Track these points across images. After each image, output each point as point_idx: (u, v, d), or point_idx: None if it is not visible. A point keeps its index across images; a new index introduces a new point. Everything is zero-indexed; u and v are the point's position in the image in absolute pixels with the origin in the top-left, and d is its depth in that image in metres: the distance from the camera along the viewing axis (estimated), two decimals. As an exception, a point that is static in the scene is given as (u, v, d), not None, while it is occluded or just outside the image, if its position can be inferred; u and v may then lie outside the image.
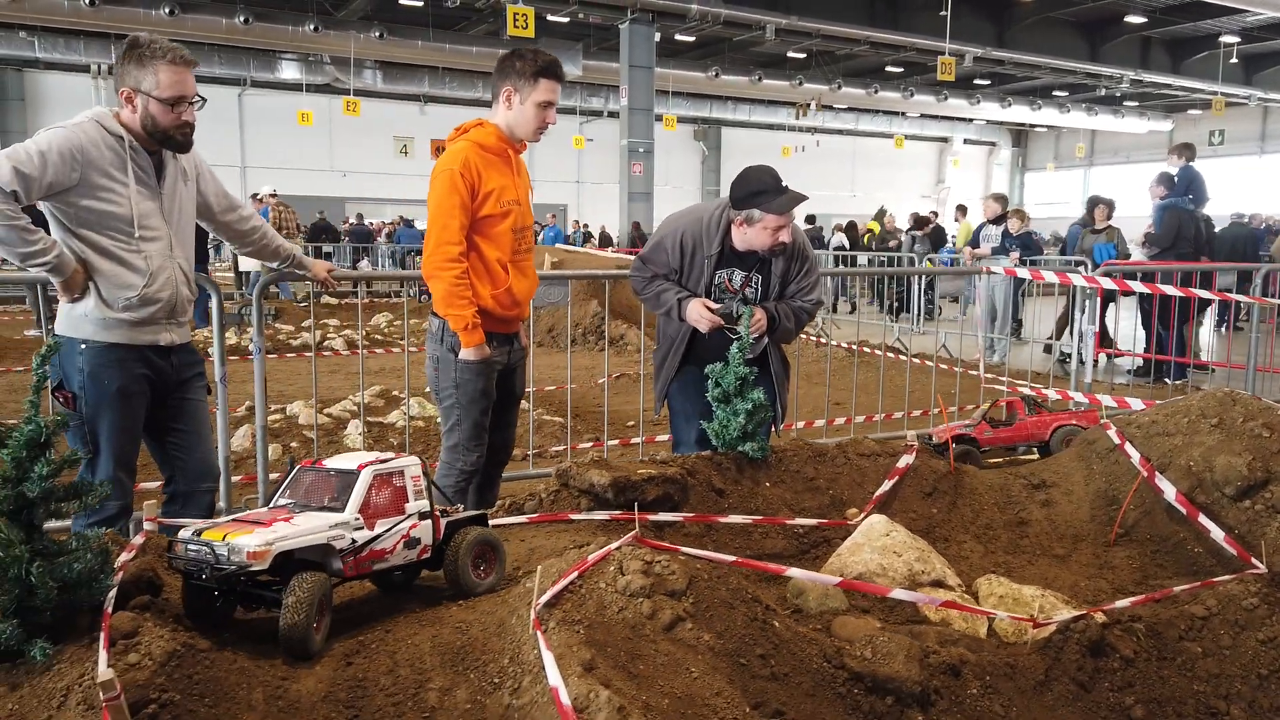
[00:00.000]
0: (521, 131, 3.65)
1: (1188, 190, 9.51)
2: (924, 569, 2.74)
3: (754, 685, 1.85)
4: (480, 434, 3.81)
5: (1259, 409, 3.26)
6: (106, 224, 2.90)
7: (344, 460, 2.08)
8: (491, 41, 24.29)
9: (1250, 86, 30.41)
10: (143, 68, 2.90)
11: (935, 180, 42.39)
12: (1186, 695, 2.24)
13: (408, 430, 5.28)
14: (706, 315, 3.85)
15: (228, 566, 1.77)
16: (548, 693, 1.61)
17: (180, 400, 3.19)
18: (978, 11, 25.38)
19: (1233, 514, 2.95)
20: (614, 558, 1.95)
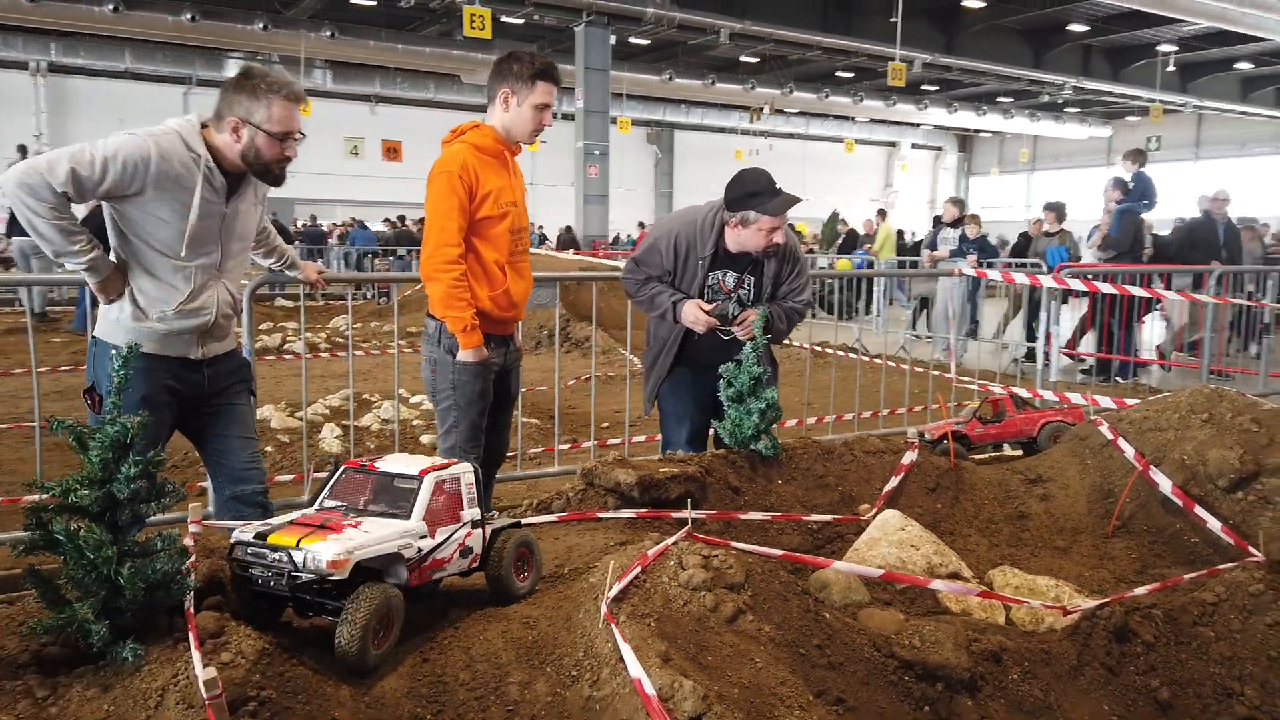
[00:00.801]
0: (518, 133, 3.67)
1: (1143, 194, 9.84)
2: (941, 561, 2.82)
3: (814, 674, 1.91)
4: (477, 435, 3.81)
5: (1245, 405, 3.41)
6: (156, 237, 2.86)
7: (398, 464, 2.03)
8: (445, 42, 24.14)
9: (1186, 94, 31.45)
10: (256, 99, 2.86)
11: (884, 184, 43.10)
12: (1204, 677, 2.35)
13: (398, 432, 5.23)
14: (702, 317, 3.90)
15: (304, 575, 1.71)
16: (629, 684, 1.64)
17: (218, 406, 3.14)
18: (927, 19, 25.92)
19: (1226, 505, 3.08)
20: (672, 553, 1.99)
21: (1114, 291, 6.58)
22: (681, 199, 37.97)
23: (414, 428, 6.93)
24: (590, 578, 1.99)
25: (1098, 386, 8.53)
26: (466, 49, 23.29)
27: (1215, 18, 20.25)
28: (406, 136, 29.02)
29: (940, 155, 44.68)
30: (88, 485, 1.56)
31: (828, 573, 2.53)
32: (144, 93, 28.29)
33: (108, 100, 28.28)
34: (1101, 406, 5.94)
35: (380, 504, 1.96)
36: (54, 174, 2.62)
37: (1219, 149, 37.10)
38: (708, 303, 3.96)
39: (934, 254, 12.00)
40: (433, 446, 6.71)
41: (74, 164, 2.65)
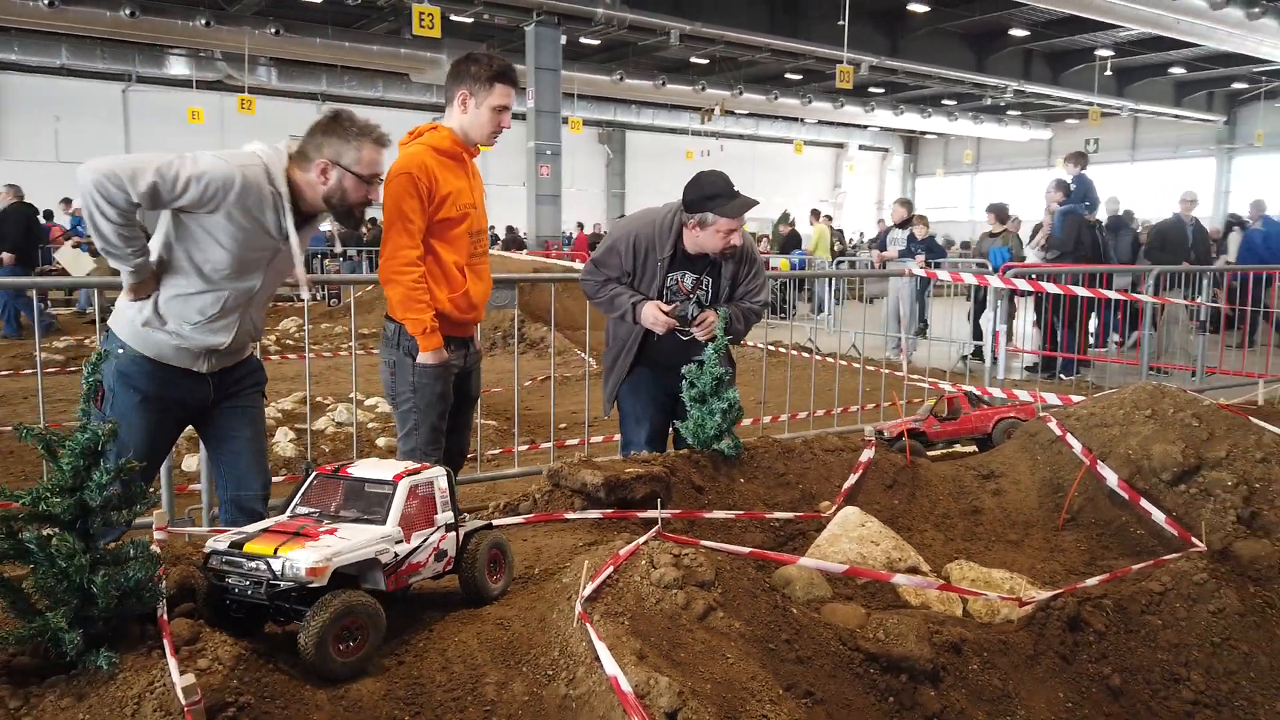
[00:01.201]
0: (476, 135, 3.67)
1: (1084, 196, 10.11)
2: (900, 556, 2.89)
3: (783, 669, 1.95)
4: (438, 438, 3.81)
5: (1186, 401, 3.54)
6: (206, 256, 2.85)
7: (372, 469, 2.02)
8: (393, 41, 23.87)
9: (1122, 98, 32.33)
10: (346, 142, 2.90)
11: (832, 185, 43.62)
12: (1153, 664, 2.44)
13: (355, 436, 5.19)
14: (662, 318, 3.94)
15: (283, 583, 1.70)
16: (605, 682, 1.67)
17: (229, 408, 3.11)
18: (873, 22, 26.31)
19: (1170, 498, 3.20)
20: (644, 552, 2.02)
21: (1058, 291, 6.75)
22: (633, 199, 38.04)
23: (369, 430, 6.87)
24: (563, 578, 2.01)
25: (1043, 383, 8.75)
26: (415, 48, 23.06)
27: (1150, 24, 20.84)
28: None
29: (887, 156, 45.36)
30: (59, 493, 1.54)
31: (790, 569, 2.58)
32: (81, 90, 27.56)
33: (44, 97, 27.53)
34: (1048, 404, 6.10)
35: (354, 509, 1.95)
36: (135, 184, 2.61)
37: (1154, 151, 38.21)
38: (667, 304, 3.99)
39: (883, 254, 12.20)
40: (389, 449, 6.67)
41: (158, 177, 2.64)
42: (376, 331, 10.33)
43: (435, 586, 2.09)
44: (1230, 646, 2.50)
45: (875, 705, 2.01)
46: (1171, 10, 19.70)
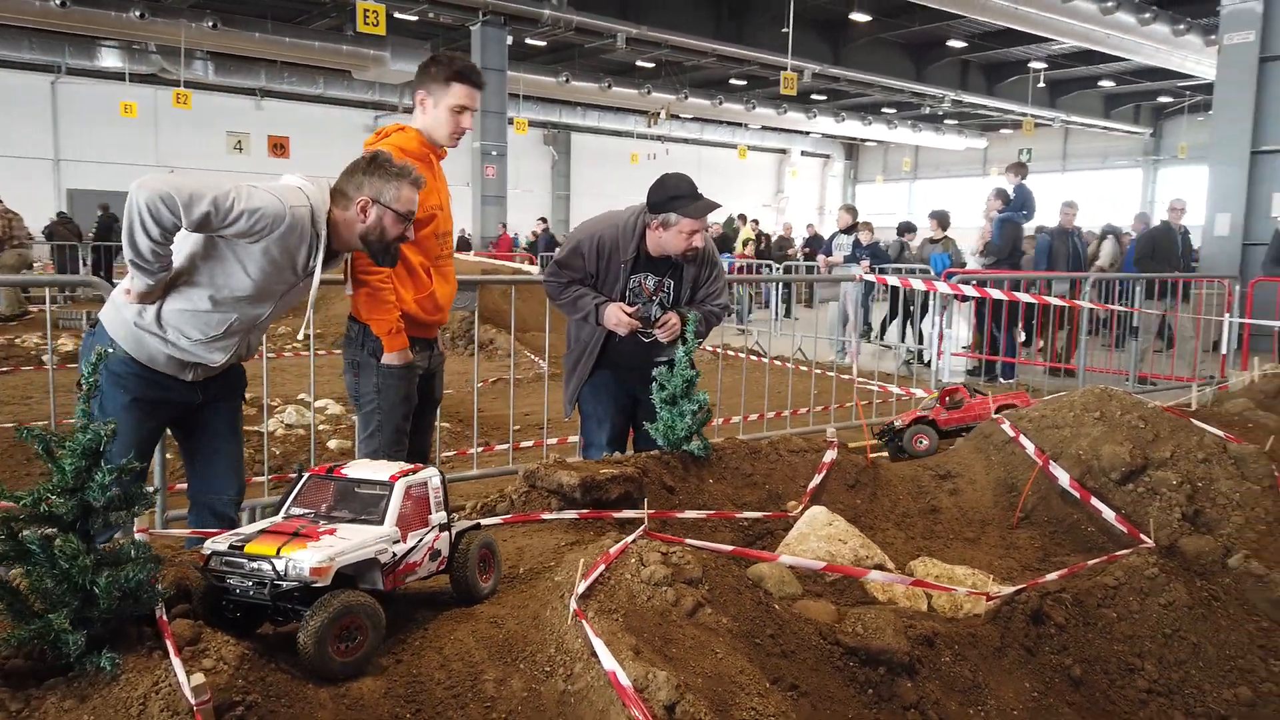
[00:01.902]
0: (438, 136, 3.67)
1: (1023, 206, 10.42)
2: (867, 554, 2.97)
3: (769, 663, 2.01)
4: (401, 439, 3.80)
5: (1132, 403, 3.70)
6: (228, 279, 2.85)
7: (366, 470, 2.03)
8: (335, 36, 23.52)
9: (1055, 109, 33.32)
10: (387, 181, 2.97)
11: (775, 190, 44.15)
12: (1109, 655, 2.56)
13: (314, 439, 5.13)
14: (625, 319, 3.98)
15: (286, 583, 1.70)
16: (603, 677, 1.71)
17: (210, 410, 3.07)
18: (816, 30, 26.73)
19: (1119, 496, 3.34)
20: (632, 550, 2.06)
21: (1003, 297, 6.96)
22: (579, 201, 38.01)
23: (320, 433, 6.78)
24: (554, 576, 2.04)
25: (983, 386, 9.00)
26: (358, 44, 22.76)
27: (1081, 38, 21.54)
28: (294, 132, 28.11)
29: (828, 163, 46.07)
30: (61, 494, 1.52)
31: (762, 567, 2.64)
32: (7, 81, 26.60)
33: (-32, 87, 26.53)
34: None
35: (348, 510, 1.96)
36: (190, 211, 2.60)
37: (1084, 161, 39.43)
38: (630, 306, 4.04)
39: (829, 259, 12.41)
40: (340, 452, 6.60)
41: (212, 207, 2.63)
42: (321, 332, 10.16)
43: (422, 586, 2.11)
44: (1180, 637, 2.63)
45: (856, 697, 2.08)
46: (1101, 25, 20.38)
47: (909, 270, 12.44)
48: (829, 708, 2.01)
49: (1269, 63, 11.61)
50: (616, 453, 3.90)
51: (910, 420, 4.18)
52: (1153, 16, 20.59)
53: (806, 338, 11.87)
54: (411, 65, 22.70)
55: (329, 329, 11.73)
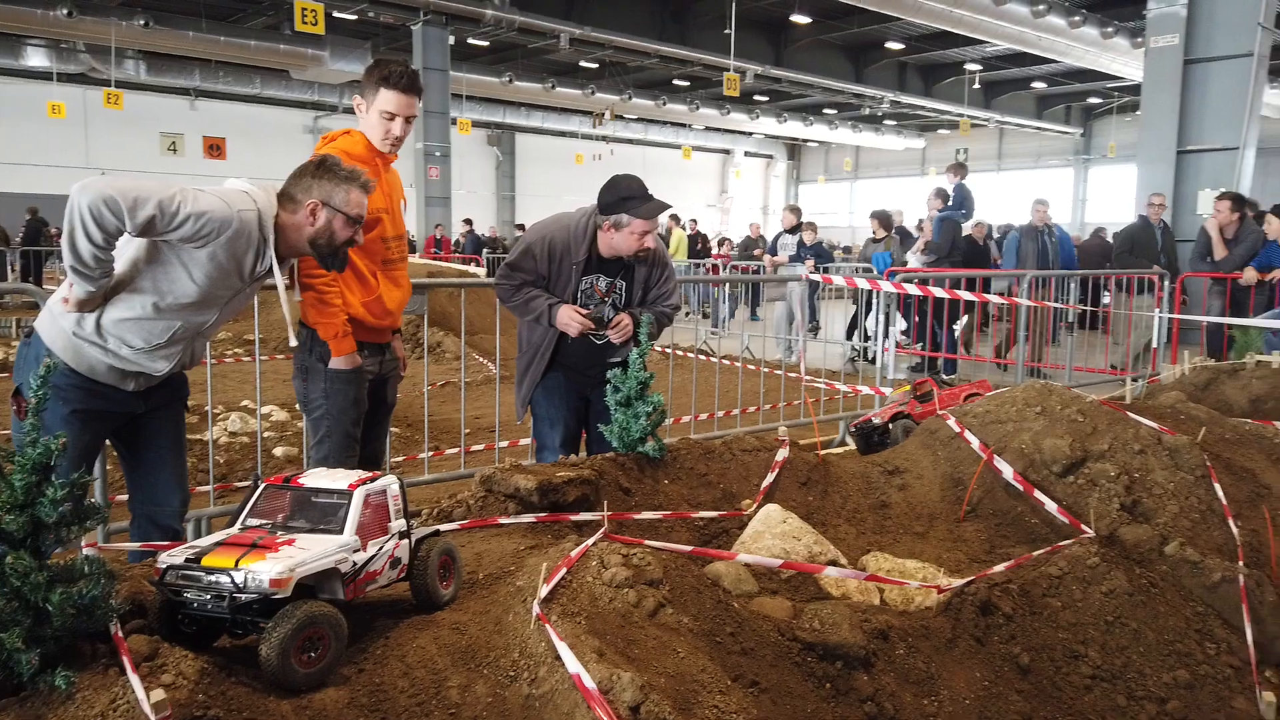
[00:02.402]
0: (372, 141, 3.65)
1: (961, 204, 10.65)
2: (821, 550, 3.02)
3: (730, 660, 2.04)
4: (351, 445, 3.77)
5: (1071, 398, 3.82)
6: (172, 285, 2.78)
7: (325, 479, 2.00)
8: (272, 35, 23.10)
9: (990, 110, 34.11)
10: (337, 184, 2.94)
11: (719, 190, 44.46)
12: (1055, 643, 2.64)
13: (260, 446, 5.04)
14: (577, 320, 3.99)
15: (245, 595, 1.68)
16: (567, 680, 1.72)
17: (153, 420, 2.99)
18: (758, 32, 26.99)
19: (1060, 488, 3.44)
20: (593, 553, 2.07)
21: (945, 295, 7.11)
22: (524, 202, 37.87)
23: (266, 440, 6.66)
24: (516, 581, 2.05)
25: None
26: (296, 43, 22.38)
27: (1014, 40, 22.09)
28: (231, 133, 27.58)
29: (771, 163, 46.54)
30: (11, 510, 1.48)
31: (719, 565, 2.67)
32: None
33: (-115, 86, 25.50)
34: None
35: (307, 520, 1.93)
36: (135, 214, 2.53)
37: (1018, 161, 40.43)
38: (582, 307, 4.05)
39: (774, 259, 12.55)
40: (287, 459, 6.50)
41: (158, 211, 2.57)
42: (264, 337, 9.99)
43: (383, 594, 2.09)
44: (1121, 624, 2.72)
45: (814, 691, 2.12)
46: (1033, 28, 20.92)
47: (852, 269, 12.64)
48: (789, 702, 2.04)
49: (1193, 65, 12.03)
50: (571, 455, 3.90)
51: (890, 416, 4.26)
52: (1082, 20, 21.20)
53: (754, 337, 11.98)
54: (351, 65, 22.42)
55: (271, 334, 11.53)
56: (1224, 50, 11.79)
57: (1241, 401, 5.23)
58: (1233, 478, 3.50)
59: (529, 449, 6.12)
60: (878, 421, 4.30)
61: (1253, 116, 11.82)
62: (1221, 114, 11.80)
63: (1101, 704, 2.54)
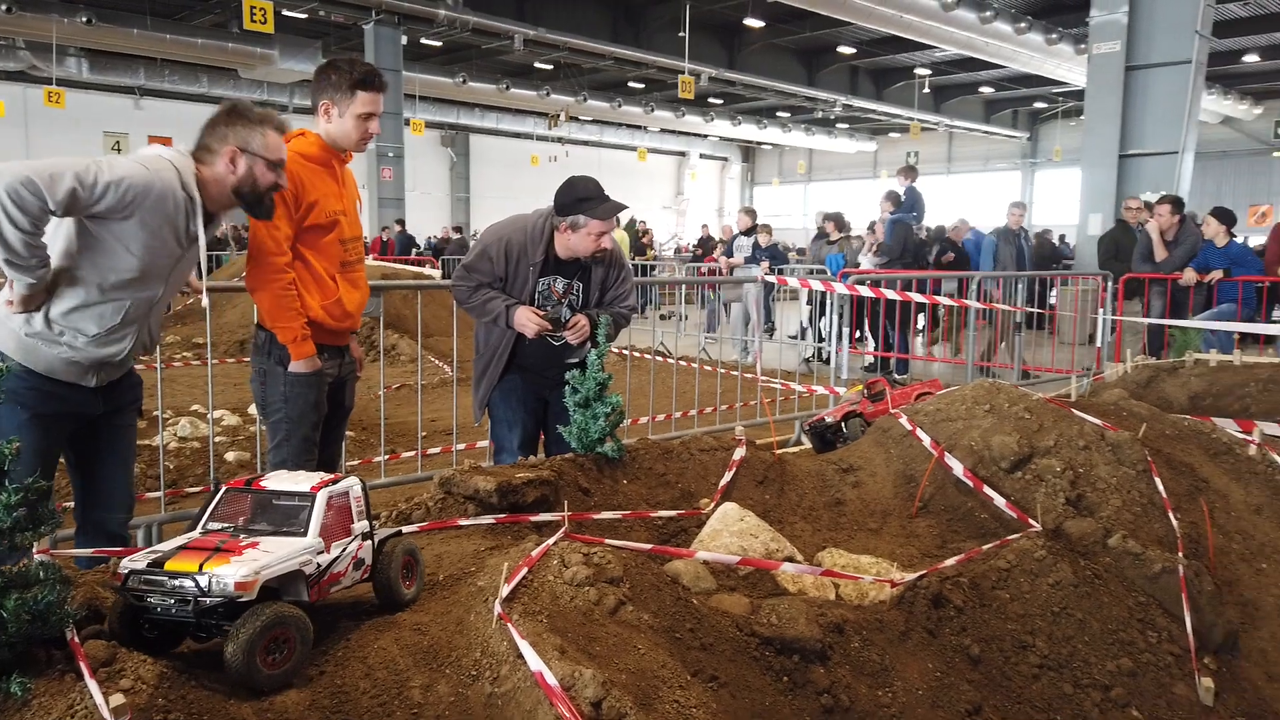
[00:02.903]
0: (344, 143, 3.64)
1: (912, 207, 10.83)
2: (778, 547, 3.07)
3: (689, 656, 2.07)
4: (310, 448, 3.75)
5: (1018, 396, 3.91)
6: (113, 264, 2.72)
7: (286, 482, 2.00)
8: (220, 34, 22.71)
9: (939, 114, 34.65)
10: (252, 129, 2.88)
11: (675, 192, 44.62)
12: (1004, 634, 2.71)
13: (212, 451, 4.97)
14: (535, 321, 4.01)
15: (210, 599, 1.67)
16: (529, 678, 1.74)
17: (107, 425, 2.94)
18: (712, 35, 27.16)
19: (1008, 484, 3.53)
20: (554, 552, 2.09)
21: (897, 297, 7.23)
22: (479, 204, 37.65)
23: (218, 445, 6.56)
24: (477, 581, 2.06)
25: (880, 382, 9.32)
26: (244, 42, 22.02)
27: (962, 45, 22.49)
28: (177, 133, 26.95)
29: (726, 165, 46.82)
30: (-36, 516, 1.47)
31: (678, 564, 2.71)
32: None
33: None
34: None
35: (269, 523, 1.93)
36: (54, 190, 2.48)
37: (967, 164, 41.14)
38: (539, 309, 4.06)
39: (730, 261, 12.65)
40: (239, 464, 6.41)
41: (77, 183, 2.52)
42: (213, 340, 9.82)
43: (345, 595, 2.09)
44: (1067, 614, 2.81)
45: (772, 685, 2.16)
46: (981, 34, 21.32)
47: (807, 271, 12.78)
48: (747, 696, 2.08)
49: (1133, 71, 12.35)
50: (530, 457, 3.91)
51: (842, 414, 4.33)
52: (1028, 26, 21.65)
53: (710, 338, 12.06)
54: (301, 64, 22.12)
55: (220, 337, 11.35)
56: (1163, 57, 12.13)
57: (1181, 398, 5.40)
58: (1172, 472, 3.62)
59: (486, 451, 6.11)
60: (831, 420, 4.38)
61: (1191, 122, 12.17)
62: (1162, 119, 12.14)
63: (1049, 692, 2.62)
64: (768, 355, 10.72)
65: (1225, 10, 21.65)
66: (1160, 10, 12.12)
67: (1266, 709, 2.87)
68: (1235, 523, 3.52)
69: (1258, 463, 3.85)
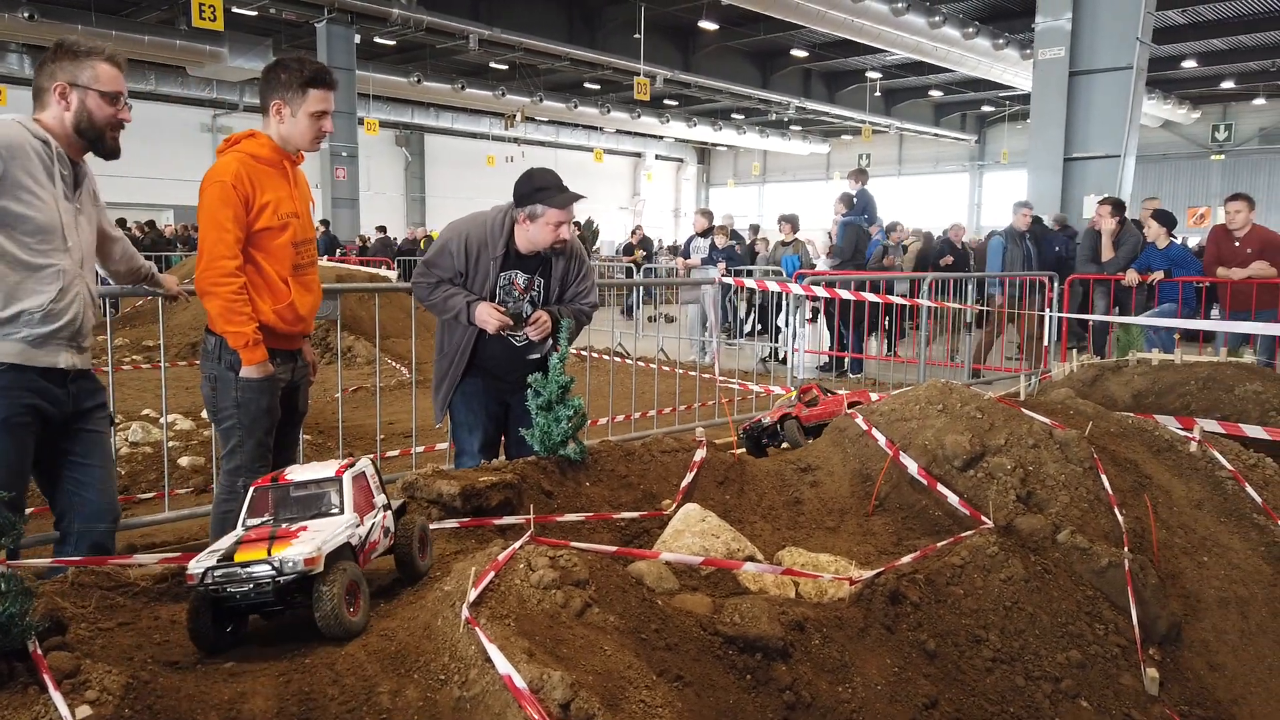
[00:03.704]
0: (298, 143, 3.61)
1: (864, 210, 10.98)
2: (739, 547, 3.11)
3: (655, 657, 2.10)
4: (264, 454, 3.72)
5: (970, 395, 4.01)
6: (22, 228, 2.68)
7: (309, 471, 2.21)
8: (168, 31, 22.28)
9: (890, 117, 35.15)
10: (79, 63, 2.79)
11: (632, 193, 44.68)
12: (959, 629, 2.78)
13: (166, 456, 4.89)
14: (496, 316, 3.99)
15: (285, 577, 1.88)
16: (498, 681, 1.75)
17: (79, 431, 2.89)
18: (667, 37, 27.28)
19: (961, 482, 3.61)
20: (520, 556, 2.11)
21: (851, 297, 7.33)
22: (434, 204, 37.36)
23: (172, 450, 6.46)
24: (443, 586, 2.07)
25: (835, 381, 9.45)
26: (192, 39, 21.63)
27: (912, 50, 22.85)
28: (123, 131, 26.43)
29: (682, 166, 47.01)
30: (-75, 527, 1.45)
31: (641, 564, 2.74)
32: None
33: None
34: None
35: (302, 510, 2.14)
36: None
37: (917, 166, 41.78)
38: (501, 305, 4.05)
39: (687, 262, 12.71)
40: (193, 469, 6.31)
41: None
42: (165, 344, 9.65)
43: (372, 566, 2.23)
44: (1019, 609, 2.89)
45: (735, 683, 2.20)
46: (930, 39, 21.69)
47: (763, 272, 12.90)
48: (711, 695, 2.11)
49: (1077, 76, 12.66)
50: (493, 460, 3.92)
51: (778, 417, 4.39)
52: (975, 31, 22.07)
53: (668, 339, 12.12)
54: (252, 62, 21.77)
55: (172, 339, 11.15)
56: (1106, 63, 12.45)
57: (1125, 396, 5.56)
58: (1117, 469, 3.73)
59: (446, 454, 6.10)
60: (768, 422, 4.42)
61: (1133, 126, 12.51)
62: (1104, 123, 12.46)
63: (1002, 685, 2.69)
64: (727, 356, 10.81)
65: (1164, 17, 22.26)
66: (1102, 17, 12.44)
67: (1208, 697, 2.98)
68: (1177, 517, 3.64)
69: (1198, 459, 3.98)
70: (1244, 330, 7.16)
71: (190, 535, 4.89)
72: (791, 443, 4.12)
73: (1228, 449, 4.09)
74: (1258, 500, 3.75)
